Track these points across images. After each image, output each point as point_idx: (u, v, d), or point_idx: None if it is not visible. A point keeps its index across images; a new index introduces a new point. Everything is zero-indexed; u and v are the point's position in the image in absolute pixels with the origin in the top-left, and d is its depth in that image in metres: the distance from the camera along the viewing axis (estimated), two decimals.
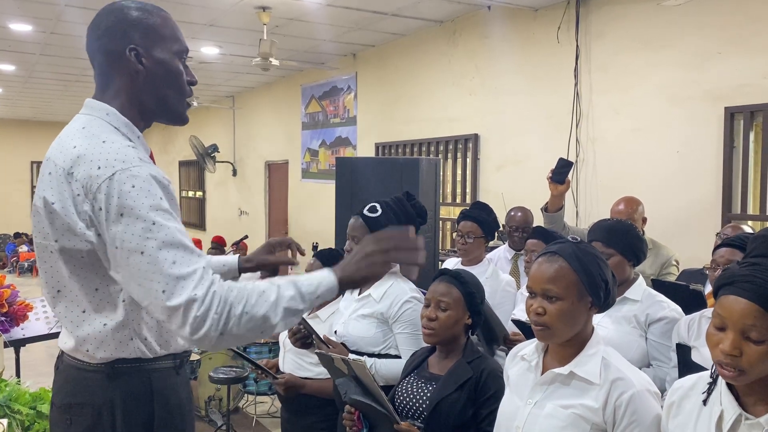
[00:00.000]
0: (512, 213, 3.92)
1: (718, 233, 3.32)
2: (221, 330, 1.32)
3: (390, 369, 2.34)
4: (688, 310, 2.38)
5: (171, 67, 1.53)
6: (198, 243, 7.55)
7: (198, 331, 1.30)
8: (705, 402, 1.38)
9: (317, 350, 2.23)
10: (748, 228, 3.25)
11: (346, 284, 1.45)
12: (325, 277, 1.43)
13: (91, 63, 1.55)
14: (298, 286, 1.40)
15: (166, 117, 1.60)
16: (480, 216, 3.22)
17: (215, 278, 1.35)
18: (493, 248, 4.16)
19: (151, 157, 1.60)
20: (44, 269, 1.52)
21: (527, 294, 1.66)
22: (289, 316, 1.39)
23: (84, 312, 1.48)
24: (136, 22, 1.49)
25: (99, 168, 1.36)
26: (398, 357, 2.38)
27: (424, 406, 2.00)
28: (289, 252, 1.92)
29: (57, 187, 1.41)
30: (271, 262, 1.89)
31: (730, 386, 1.34)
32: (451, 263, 3.40)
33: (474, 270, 2.95)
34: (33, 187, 16.55)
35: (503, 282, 3.12)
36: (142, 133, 1.56)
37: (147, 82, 1.51)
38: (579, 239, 1.67)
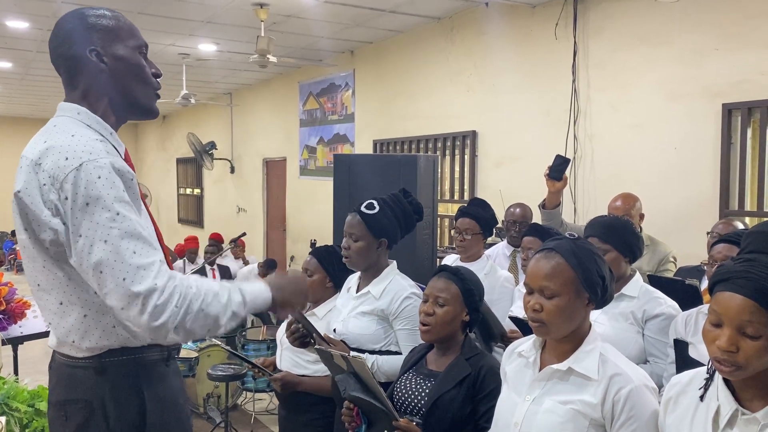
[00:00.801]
0: (511, 209, 3.92)
1: (709, 232, 3.31)
2: (177, 323, 1.41)
3: (392, 365, 2.34)
4: (684, 305, 2.39)
5: (131, 61, 1.60)
6: (195, 240, 7.53)
7: (156, 319, 1.38)
8: (702, 398, 1.38)
9: (317, 346, 2.23)
10: (740, 224, 3.25)
11: (275, 305, 1.62)
12: (264, 291, 1.59)
13: (57, 72, 1.62)
14: (243, 294, 1.54)
15: (135, 111, 1.66)
16: (477, 212, 3.22)
17: (174, 273, 1.45)
18: (491, 245, 4.16)
19: (127, 154, 1.64)
20: (25, 265, 1.57)
21: (525, 290, 1.66)
22: (233, 320, 1.51)
23: (61, 304, 1.51)
24: (91, 25, 1.57)
25: (66, 159, 1.42)
26: (399, 353, 2.38)
27: (422, 402, 2.01)
28: None
29: (25, 177, 1.46)
30: None
31: (726, 381, 1.34)
32: (450, 260, 3.40)
33: (472, 266, 2.95)
34: None
35: (501, 278, 3.13)
36: (116, 131, 1.62)
37: (111, 79, 1.58)
38: (576, 236, 1.68)
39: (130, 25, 1.64)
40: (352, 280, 2.60)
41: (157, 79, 1.67)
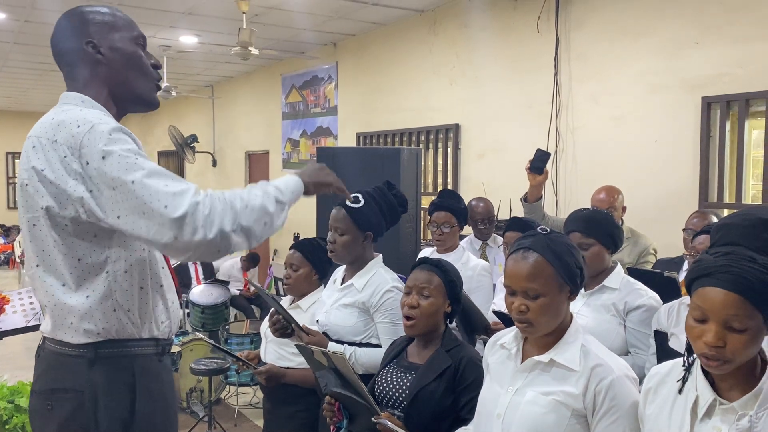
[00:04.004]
0: (473, 203, 3.94)
1: (684, 228, 3.35)
2: (232, 225, 1.42)
3: (371, 357, 2.34)
4: (663, 297, 2.42)
5: (128, 51, 1.64)
6: None
7: (211, 229, 1.38)
8: (680, 390, 1.40)
9: (297, 343, 2.23)
10: (714, 217, 3.29)
11: (309, 185, 1.69)
12: (292, 177, 1.65)
13: (60, 68, 1.66)
14: (274, 183, 1.59)
15: (135, 102, 1.69)
16: (453, 205, 3.25)
17: (208, 190, 1.46)
18: (462, 237, 4.17)
19: None
20: (27, 245, 1.56)
21: (505, 288, 1.65)
22: (280, 209, 1.55)
23: (64, 285, 1.51)
24: (87, 20, 1.62)
25: (78, 126, 1.45)
26: (379, 346, 2.39)
27: (403, 395, 2.01)
28: None
29: (44, 155, 1.47)
30: None
31: (705, 372, 1.35)
32: (427, 252, 3.42)
33: (449, 257, 2.98)
34: (9, 178, 16.28)
35: (478, 267, 3.15)
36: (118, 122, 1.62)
37: (109, 69, 1.62)
38: (548, 230, 1.67)
39: (127, 18, 1.68)
40: (339, 272, 2.61)
41: (157, 71, 1.70)
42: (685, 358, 1.40)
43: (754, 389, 1.29)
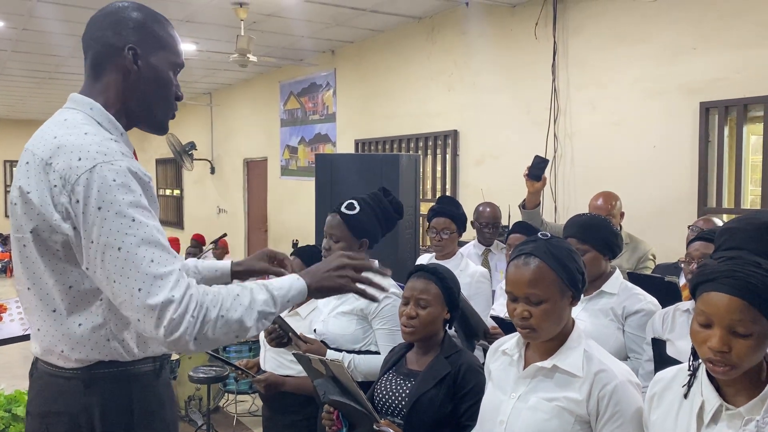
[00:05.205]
0: (480, 208, 3.95)
1: (690, 226, 3.35)
2: (196, 334, 1.31)
3: (369, 364, 2.33)
4: (663, 302, 2.41)
5: (163, 75, 1.55)
6: (176, 242, 7.46)
7: (173, 333, 1.29)
8: (686, 395, 1.39)
9: (294, 352, 2.22)
10: (719, 221, 3.30)
11: (313, 291, 1.51)
12: (295, 281, 1.49)
13: (84, 52, 1.54)
14: (270, 290, 1.44)
15: (147, 123, 1.59)
16: (452, 211, 3.25)
17: (191, 281, 1.35)
18: (463, 243, 4.18)
19: (135, 157, 1.58)
20: (17, 264, 1.48)
21: (507, 294, 1.64)
22: (262, 319, 1.41)
23: (54, 311, 1.44)
24: (142, 24, 1.51)
25: (80, 159, 1.33)
26: (378, 353, 2.37)
27: (403, 403, 2.00)
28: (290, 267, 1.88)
29: (34, 177, 1.37)
30: (260, 270, 1.87)
31: (711, 377, 1.35)
32: (425, 259, 3.41)
33: (448, 264, 2.96)
34: (6, 186, 16.27)
35: (477, 274, 3.15)
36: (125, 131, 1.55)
37: (137, 83, 1.51)
38: (549, 235, 1.66)
39: (178, 41, 1.60)
40: None
41: (176, 102, 1.62)
42: (690, 363, 1.40)
43: (760, 394, 1.28)
